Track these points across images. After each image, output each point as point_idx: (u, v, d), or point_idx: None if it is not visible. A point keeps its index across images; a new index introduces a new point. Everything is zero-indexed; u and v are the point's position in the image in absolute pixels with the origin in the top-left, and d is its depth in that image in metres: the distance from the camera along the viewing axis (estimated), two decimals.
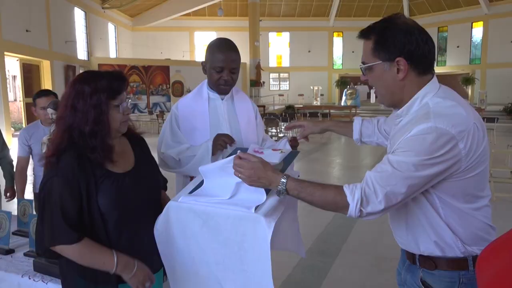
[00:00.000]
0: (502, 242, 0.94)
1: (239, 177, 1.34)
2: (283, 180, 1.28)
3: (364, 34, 1.33)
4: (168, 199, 1.66)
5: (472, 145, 1.17)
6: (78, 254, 1.37)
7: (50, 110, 2.85)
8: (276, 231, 1.33)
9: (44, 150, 3.18)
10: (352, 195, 1.20)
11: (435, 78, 1.30)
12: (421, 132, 1.16)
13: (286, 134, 12.01)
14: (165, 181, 1.79)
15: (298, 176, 1.64)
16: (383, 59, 1.28)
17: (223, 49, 1.97)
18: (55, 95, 3.12)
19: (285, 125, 14.07)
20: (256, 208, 1.36)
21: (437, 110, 1.19)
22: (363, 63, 1.35)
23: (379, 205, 1.18)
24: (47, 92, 3.15)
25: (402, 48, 1.24)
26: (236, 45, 2.04)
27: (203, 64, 2.05)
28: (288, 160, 1.67)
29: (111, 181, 1.44)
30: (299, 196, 1.29)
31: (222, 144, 1.88)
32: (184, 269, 1.50)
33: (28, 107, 13.41)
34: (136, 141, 1.66)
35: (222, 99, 2.09)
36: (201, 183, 1.60)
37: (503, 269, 0.83)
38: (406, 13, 26.39)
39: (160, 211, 1.51)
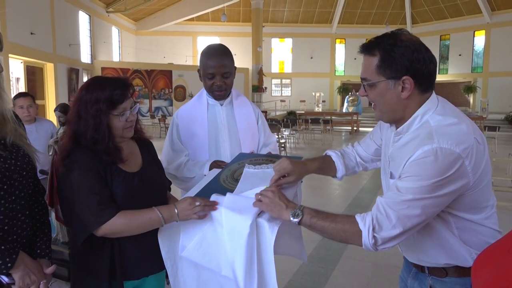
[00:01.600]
0: (495, 248, 0.95)
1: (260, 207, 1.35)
2: (299, 211, 1.29)
3: (368, 49, 1.28)
4: (173, 198, 1.70)
5: (476, 160, 1.16)
6: (126, 222, 1.40)
7: (57, 113, 2.92)
8: (278, 236, 1.34)
9: (50, 153, 3.26)
10: (364, 221, 1.19)
11: (434, 94, 1.28)
12: (426, 154, 1.14)
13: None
14: (169, 182, 1.82)
15: (301, 181, 1.66)
16: (389, 77, 1.24)
17: (212, 55, 1.98)
18: (32, 97, 3.64)
19: (286, 131, 14.12)
20: (260, 213, 1.37)
21: (440, 130, 1.17)
22: (365, 79, 1.30)
23: (394, 229, 1.16)
24: (25, 94, 3.75)
25: (409, 66, 1.21)
26: (239, 50, 2.08)
27: (198, 71, 2.08)
28: None
29: (121, 178, 1.49)
30: (312, 230, 1.29)
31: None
32: (186, 273, 1.51)
33: None
34: (144, 144, 1.70)
35: (222, 105, 2.11)
36: (208, 184, 1.62)
37: (496, 275, 0.85)
38: (408, 21, 26.54)
39: None
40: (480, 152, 1.18)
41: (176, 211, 1.42)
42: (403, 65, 1.21)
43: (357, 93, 19.86)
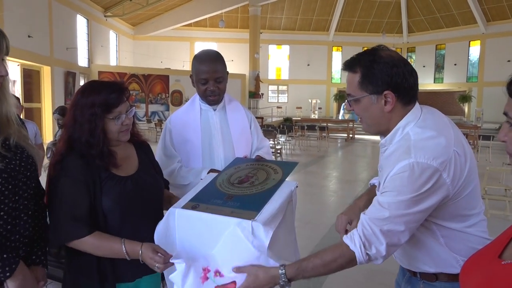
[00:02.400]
0: (482, 254, 0.97)
1: None
2: (281, 271, 1.27)
3: (350, 66, 1.32)
4: (172, 196, 1.72)
5: (456, 172, 1.18)
6: (94, 247, 1.43)
7: (56, 116, 2.91)
8: (273, 240, 1.36)
9: (49, 155, 3.27)
10: (353, 242, 1.20)
11: (417, 106, 1.31)
12: (403, 169, 1.16)
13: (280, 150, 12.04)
14: (166, 182, 1.84)
15: (297, 186, 1.67)
16: (371, 92, 1.28)
17: (204, 61, 1.99)
18: (17, 98, 3.47)
19: (282, 137, 14.14)
20: (256, 216, 1.39)
21: (418, 144, 1.20)
22: (350, 95, 1.35)
23: (382, 245, 1.18)
24: None
25: (390, 81, 1.25)
26: (236, 56, 2.09)
27: (191, 77, 2.07)
28: (286, 171, 1.71)
29: (113, 183, 1.50)
30: (306, 277, 1.29)
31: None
32: (182, 273, 1.52)
33: (27, 112, 13.42)
34: (141, 146, 1.72)
35: (215, 110, 2.11)
36: (204, 188, 1.63)
37: (483, 280, 0.86)
38: (404, 30, 26.77)
39: (162, 215, 1.54)
40: (461, 164, 1.20)
41: (140, 252, 1.42)
42: (383, 80, 1.25)
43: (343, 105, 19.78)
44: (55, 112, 3.08)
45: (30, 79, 13.99)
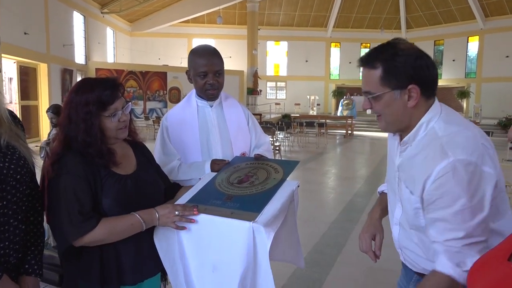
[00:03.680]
0: (490, 256, 0.95)
1: None
2: None
3: (367, 62, 1.25)
4: (176, 185, 1.74)
5: (493, 160, 1.14)
6: (106, 232, 1.39)
7: (49, 115, 2.85)
8: (276, 242, 1.33)
9: (42, 155, 3.21)
10: (446, 268, 1.12)
11: (436, 101, 1.26)
12: (444, 170, 1.11)
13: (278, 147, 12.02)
14: (167, 180, 1.80)
15: (298, 186, 1.64)
16: (394, 88, 1.21)
17: (203, 54, 1.97)
18: None
19: (281, 134, 14.11)
20: (256, 218, 1.35)
21: (450, 141, 1.15)
22: (368, 92, 1.27)
23: (473, 257, 1.09)
24: None
25: (414, 74, 1.19)
26: (234, 53, 2.06)
27: (187, 73, 2.05)
28: (287, 170, 1.68)
29: (114, 181, 1.46)
30: None
31: (221, 167, 1.86)
32: (186, 274, 1.49)
33: (24, 110, 13.35)
34: (137, 146, 1.69)
35: (211, 106, 2.09)
36: (203, 188, 1.60)
37: (491, 282, 0.84)
38: (403, 25, 26.73)
39: None
40: (492, 155, 1.16)
41: (157, 215, 1.44)
42: (407, 73, 1.19)
43: (352, 97, 19.88)
44: (48, 110, 2.99)
45: (27, 76, 13.91)
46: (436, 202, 1.13)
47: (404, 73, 1.19)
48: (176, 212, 1.43)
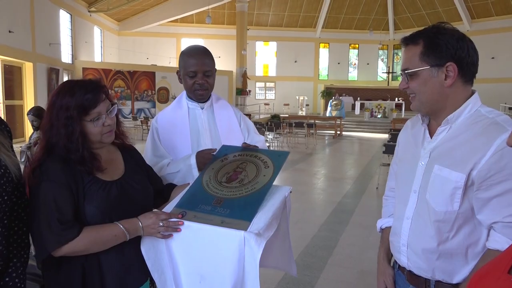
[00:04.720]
0: (490, 268, 0.92)
1: None
2: None
3: (411, 39, 1.29)
4: (171, 186, 1.69)
5: None
6: (88, 242, 1.32)
7: (30, 117, 2.75)
8: (268, 250, 1.28)
9: (23, 159, 3.10)
10: (501, 244, 1.12)
11: (477, 93, 1.29)
12: (505, 143, 1.11)
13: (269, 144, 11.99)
14: (160, 182, 1.75)
15: (290, 191, 1.59)
16: (432, 64, 1.23)
17: (193, 54, 1.94)
18: None
19: (270, 134, 14.07)
20: (249, 225, 1.30)
21: (504, 119, 1.18)
22: (406, 69, 1.29)
23: None
24: None
25: (454, 53, 1.21)
26: (223, 53, 2.02)
27: (177, 73, 2.02)
28: (277, 164, 1.62)
29: (97, 188, 1.39)
30: None
31: (207, 158, 1.80)
32: (176, 284, 1.43)
33: (9, 110, 13.08)
34: (126, 150, 1.61)
35: (202, 108, 2.05)
36: (190, 189, 1.54)
37: None
38: (391, 26, 26.93)
39: None
40: None
41: (140, 225, 1.38)
42: (447, 51, 1.21)
43: (340, 98, 19.88)
44: (29, 113, 2.88)
45: (11, 75, 13.63)
46: (494, 176, 1.13)
47: (444, 50, 1.21)
48: (161, 224, 1.37)
